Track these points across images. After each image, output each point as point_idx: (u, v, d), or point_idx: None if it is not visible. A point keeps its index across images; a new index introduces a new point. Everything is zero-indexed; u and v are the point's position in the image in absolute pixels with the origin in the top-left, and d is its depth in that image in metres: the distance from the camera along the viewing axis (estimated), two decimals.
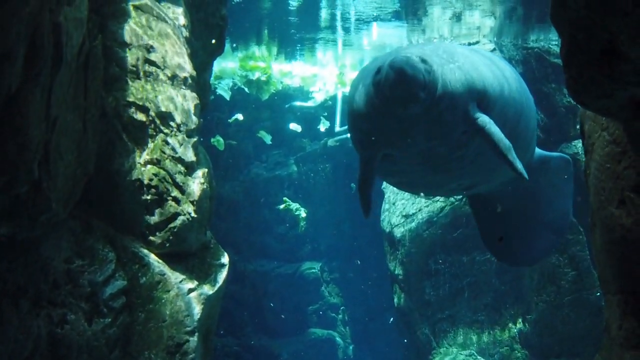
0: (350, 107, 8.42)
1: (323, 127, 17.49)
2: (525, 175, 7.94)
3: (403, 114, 7.56)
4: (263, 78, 17.62)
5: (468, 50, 8.92)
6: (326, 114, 17.34)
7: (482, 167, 8.77)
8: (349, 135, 9.19)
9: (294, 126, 17.40)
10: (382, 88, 7.49)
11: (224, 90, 16.92)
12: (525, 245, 10.99)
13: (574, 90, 3.65)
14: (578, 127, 6.31)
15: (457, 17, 14.84)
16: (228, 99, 16.90)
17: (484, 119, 7.85)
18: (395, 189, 14.37)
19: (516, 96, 8.94)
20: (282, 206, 17.14)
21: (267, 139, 17.01)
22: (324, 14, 15.31)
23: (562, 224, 11.05)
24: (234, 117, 16.85)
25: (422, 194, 10.34)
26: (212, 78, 14.27)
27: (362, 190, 8.35)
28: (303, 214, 17.21)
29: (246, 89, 17.41)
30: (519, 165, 7.93)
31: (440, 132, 7.84)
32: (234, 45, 18.46)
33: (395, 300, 14.11)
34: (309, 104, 17.91)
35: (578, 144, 12.52)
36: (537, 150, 10.40)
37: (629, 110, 3.53)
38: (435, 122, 7.70)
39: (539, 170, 10.20)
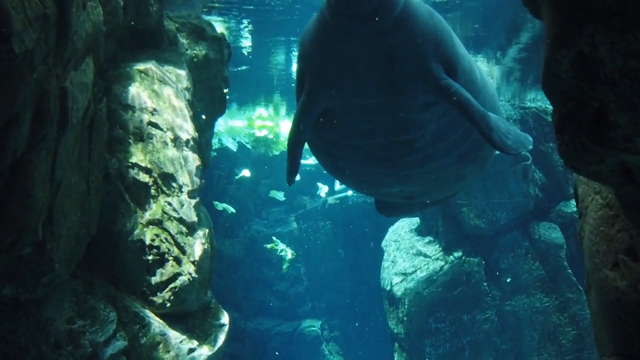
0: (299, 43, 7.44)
1: (323, 192, 17.62)
2: (508, 151, 6.88)
3: (349, 26, 6.36)
4: (270, 136, 17.81)
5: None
6: (325, 172, 17.50)
7: (430, 180, 8.08)
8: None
9: None
10: None
11: (231, 142, 17.10)
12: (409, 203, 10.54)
13: (567, 156, 3.73)
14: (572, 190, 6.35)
15: None
16: (235, 150, 17.05)
17: (450, 81, 6.83)
18: (395, 246, 14.39)
19: (492, 99, 8.49)
20: (269, 245, 17.13)
21: (280, 196, 17.10)
22: None
23: None
24: (240, 174, 17.00)
25: (365, 191, 9.32)
26: (217, 133, 14.42)
27: (291, 150, 7.35)
28: (289, 255, 17.19)
29: (249, 146, 17.59)
30: (496, 136, 6.93)
31: (393, 81, 6.80)
32: (242, 106, 18.70)
33: (396, 358, 14.03)
34: (310, 161, 18.06)
35: None
36: None
37: (619, 175, 3.60)
38: (387, 60, 6.66)
39: None
